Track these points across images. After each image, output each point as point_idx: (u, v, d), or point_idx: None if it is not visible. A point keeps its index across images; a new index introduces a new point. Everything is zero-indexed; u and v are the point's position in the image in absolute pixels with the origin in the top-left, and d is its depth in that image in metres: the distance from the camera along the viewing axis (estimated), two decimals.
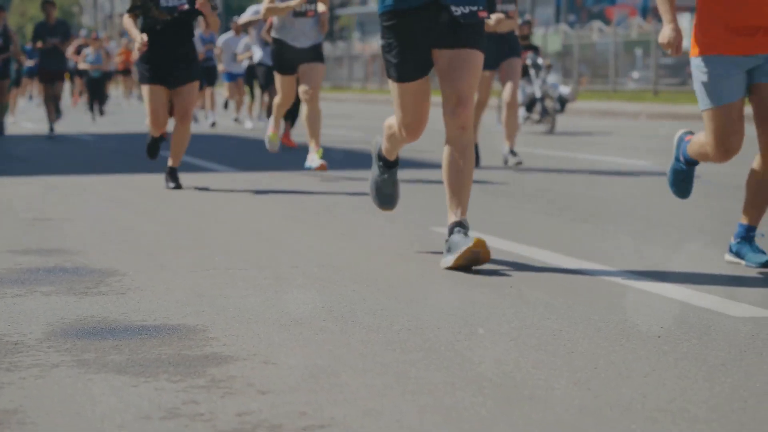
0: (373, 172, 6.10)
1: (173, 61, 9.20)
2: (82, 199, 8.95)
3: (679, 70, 34.17)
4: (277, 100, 10.55)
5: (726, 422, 2.96)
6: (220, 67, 21.81)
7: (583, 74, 36.43)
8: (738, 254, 5.43)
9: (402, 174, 7.27)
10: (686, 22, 39.45)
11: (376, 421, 3.00)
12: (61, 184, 10.20)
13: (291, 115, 14.87)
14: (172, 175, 9.50)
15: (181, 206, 8.32)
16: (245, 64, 20.96)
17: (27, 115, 26.82)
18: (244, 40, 20.82)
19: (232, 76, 21.98)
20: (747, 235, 5.41)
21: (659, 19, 45.82)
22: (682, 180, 5.75)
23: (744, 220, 5.44)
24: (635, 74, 34.91)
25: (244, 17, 16.29)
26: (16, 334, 4.09)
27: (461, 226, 5.41)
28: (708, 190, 8.74)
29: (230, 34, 21.84)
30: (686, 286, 4.89)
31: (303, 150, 12.76)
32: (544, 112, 18.37)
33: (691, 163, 5.66)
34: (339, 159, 12.53)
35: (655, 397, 3.20)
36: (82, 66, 25.70)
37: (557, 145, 15.50)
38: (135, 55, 9.38)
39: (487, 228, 6.65)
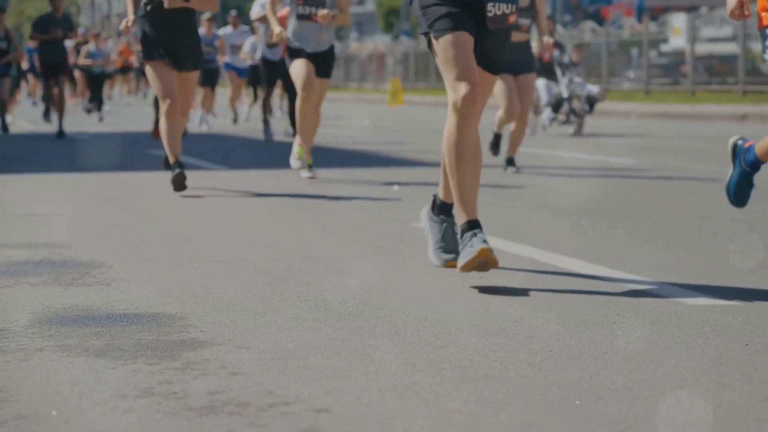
0: (429, 239, 5.54)
1: (177, 46, 8.78)
2: (72, 195, 9.14)
3: (672, 70, 34.36)
4: (299, 103, 9.92)
5: (664, 398, 3.16)
6: (220, 59, 21.40)
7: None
8: None
9: (384, 172, 7.44)
10: (682, 22, 39.62)
11: (338, 399, 3.20)
12: (53, 181, 10.39)
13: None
14: (168, 166, 9.18)
15: (168, 203, 8.51)
16: (248, 62, 20.59)
17: (25, 116, 26.95)
18: (250, 39, 20.46)
19: (232, 67, 21.78)
20: None
21: (653, 18, 46.13)
22: (743, 186, 5.42)
23: None
24: (631, 74, 35.11)
25: (255, 14, 15.51)
26: (2, 322, 4.28)
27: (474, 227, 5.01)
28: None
29: (228, 28, 21.68)
30: (647, 278, 5.08)
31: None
32: (572, 113, 17.65)
33: (756, 168, 5.39)
34: (328, 158, 12.72)
35: (602, 377, 3.39)
36: (82, 62, 25.27)
37: (587, 147, 15.62)
38: (133, 49, 9.46)
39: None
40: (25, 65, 26.38)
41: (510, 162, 10.85)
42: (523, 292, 4.80)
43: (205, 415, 3.06)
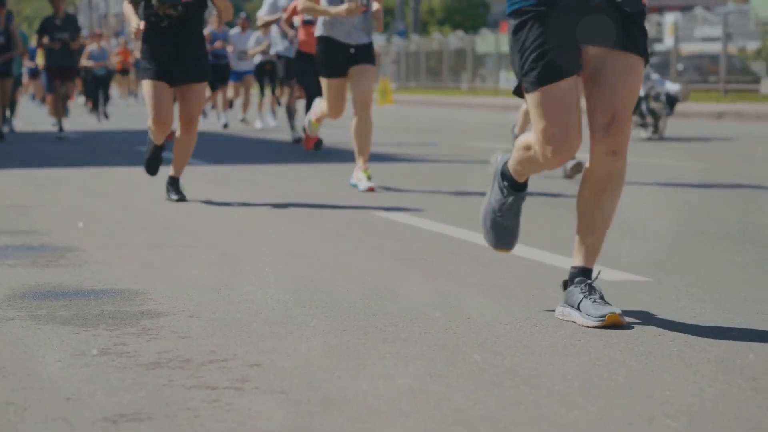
0: (488, 198, 4.46)
1: (179, 59, 8.05)
2: (56, 189, 9.57)
3: (662, 68, 34.78)
4: (324, 110, 9.10)
5: (553, 350, 3.60)
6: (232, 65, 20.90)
7: None
8: None
9: (346, 167, 7.77)
10: (676, 20, 40.05)
11: (270, 356, 3.63)
12: (39, 175, 10.81)
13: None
14: (174, 185, 8.44)
15: (148, 196, 8.93)
16: (257, 59, 19.63)
17: (27, 118, 27.29)
18: (255, 34, 19.68)
19: (238, 75, 21.36)
20: None
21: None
22: None
23: None
24: None
25: (263, 15, 14.67)
26: None
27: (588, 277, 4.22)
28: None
29: (236, 30, 21.18)
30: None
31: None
32: (649, 115, 15.74)
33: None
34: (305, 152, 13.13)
35: (506, 338, 3.83)
36: (84, 63, 24.61)
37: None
38: (136, 52, 9.44)
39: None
40: (31, 64, 25.97)
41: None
42: (463, 273, 5.23)
43: (151, 369, 3.49)
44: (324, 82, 8.84)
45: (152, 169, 8.58)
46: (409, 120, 24.38)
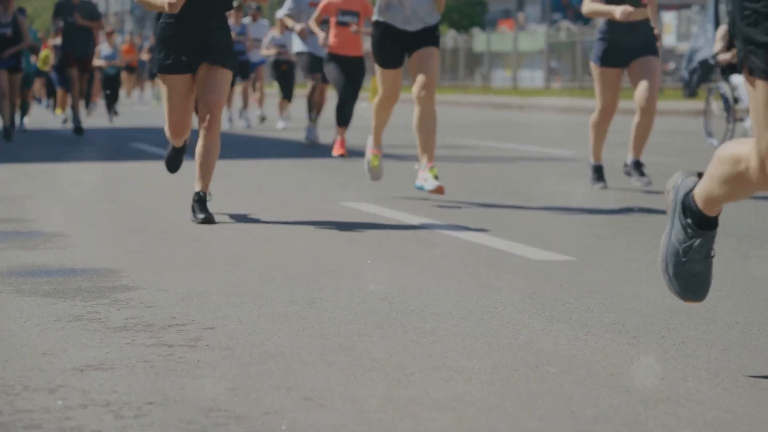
0: (668, 236, 3.52)
1: (200, 45, 7.03)
2: (49, 182, 10.08)
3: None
4: (376, 101, 8.37)
5: (471, 316, 4.11)
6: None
7: (557, 72, 37.66)
8: None
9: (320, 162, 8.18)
10: (671, 19, 40.58)
11: (223, 321, 4.14)
12: (34, 169, 11.33)
13: (345, 117, 12.08)
14: (201, 203, 7.03)
15: (135, 189, 9.44)
16: (272, 57, 18.94)
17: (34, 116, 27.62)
18: (270, 33, 19.21)
19: (251, 66, 20.42)
20: None
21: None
22: None
23: None
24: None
25: (285, 14, 14.02)
26: None
27: None
28: None
29: (248, 19, 20.46)
30: (511, 240, 6.04)
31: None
32: None
33: None
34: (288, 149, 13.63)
35: (436, 307, 4.34)
36: (96, 63, 23.15)
37: None
38: (143, 54, 8.63)
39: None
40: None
41: (638, 166, 8.84)
42: (408, 253, 5.75)
43: (118, 332, 4.00)
44: (378, 70, 8.12)
45: (173, 167, 7.86)
46: (394, 118, 24.85)
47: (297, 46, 14.75)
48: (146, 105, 33.83)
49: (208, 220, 6.93)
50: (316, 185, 9.38)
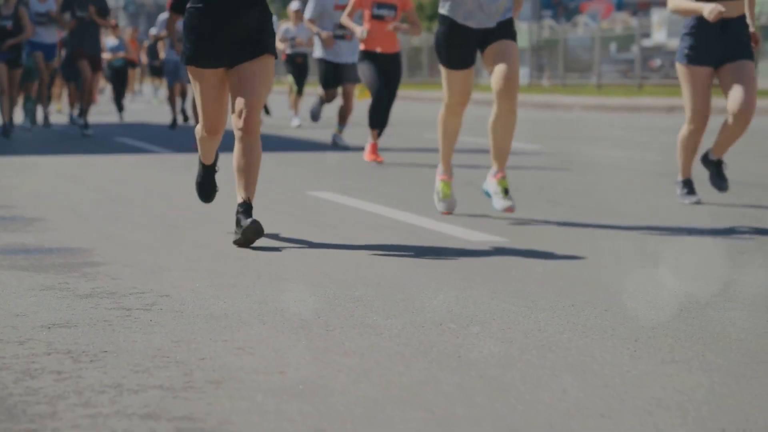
0: None
1: (235, 33, 6.03)
2: (34, 173, 10.60)
3: (642, 64, 35.82)
4: (441, 111, 7.15)
5: (416, 291, 4.66)
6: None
7: (547, 69, 38.18)
8: None
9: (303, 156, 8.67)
10: (664, 17, 41.08)
11: (178, 290, 4.67)
12: (20, 162, 11.85)
13: (379, 120, 11.44)
14: (247, 212, 5.98)
15: (116, 179, 9.95)
16: (288, 50, 18.49)
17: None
18: (284, 26, 18.57)
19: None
20: None
21: (634, 12, 47.70)
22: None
23: None
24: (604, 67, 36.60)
25: (310, 16, 13.54)
26: None
27: None
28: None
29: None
30: (461, 225, 6.58)
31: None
32: None
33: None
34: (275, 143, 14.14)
35: (389, 283, 4.84)
36: (104, 57, 22.55)
37: None
38: (144, 57, 8.26)
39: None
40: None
41: (718, 165, 7.99)
42: (389, 245, 6.29)
43: (84, 298, 4.53)
44: (443, 71, 7.00)
45: (205, 196, 6.81)
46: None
47: (318, 51, 13.78)
48: (147, 103, 34.12)
49: (257, 231, 5.81)
50: (283, 175, 9.90)
